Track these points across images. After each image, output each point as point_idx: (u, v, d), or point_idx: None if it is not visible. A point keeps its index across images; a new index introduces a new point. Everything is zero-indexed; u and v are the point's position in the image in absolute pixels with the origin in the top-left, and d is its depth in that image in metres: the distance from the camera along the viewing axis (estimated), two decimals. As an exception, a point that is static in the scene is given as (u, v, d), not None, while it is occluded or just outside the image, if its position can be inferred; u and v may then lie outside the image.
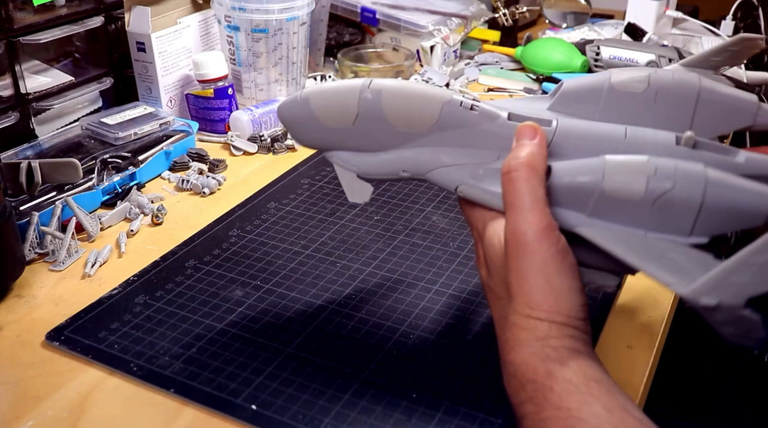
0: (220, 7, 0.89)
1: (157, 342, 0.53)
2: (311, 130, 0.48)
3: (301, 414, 0.47)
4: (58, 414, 0.48)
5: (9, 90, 0.77)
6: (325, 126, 0.47)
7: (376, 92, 0.46)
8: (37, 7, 0.78)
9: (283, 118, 0.49)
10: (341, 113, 0.47)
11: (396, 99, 0.46)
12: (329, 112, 0.47)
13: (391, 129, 0.46)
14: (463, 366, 0.51)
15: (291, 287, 0.60)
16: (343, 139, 0.47)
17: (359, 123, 0.46)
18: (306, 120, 0.48)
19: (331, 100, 0.47)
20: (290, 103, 0.48)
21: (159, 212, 0.70)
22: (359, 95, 0.46)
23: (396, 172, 0.47)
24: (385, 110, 0.46)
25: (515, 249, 0.41)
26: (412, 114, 0.46)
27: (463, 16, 1.15)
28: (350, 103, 0.46)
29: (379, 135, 0.47)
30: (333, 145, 0.48)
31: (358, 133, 0.47)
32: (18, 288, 0.60)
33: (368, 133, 0.47)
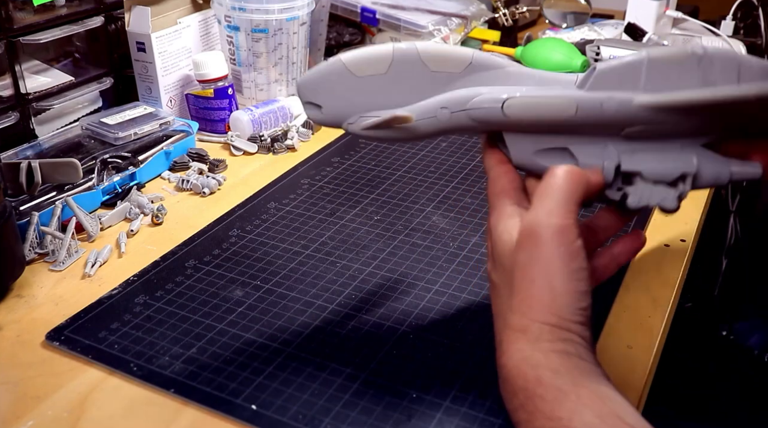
0: (220, 7, 0.89)
1: (157, 342, 0.53)
2: (340, 87, 0.46)
3: (301, 414, 0.47)
4: (58, 414, 0.48)
5: (9, 90, 0.77)
6: (355, 77, 0.46)
7: (410, 43, 0.46)
8: (37, 7, 0.78)
9: (306, 82, 0.47)
10: (376, 60, 0.46)
11: (431, 45, 0.46)
12: (363, 61, 0.46)
13: (426, 72, 0.46)
14: (463, 366, 0.51)
15: (291, 287, 0.60)
16: (375, 92, 0.46)
17: (393, 69, 0.46)
18: (335, 76, 0.46)
19: (365, 52, 0.46)
20: (316, 66, 0.47)
21: (159, 212, 0.70)
22: (393, 46, 0.46)
23: (434, 111, 0.45)
24: (420, 52, 0.46)
25: (528, 239, 0.40)
26: (447, 55, 0.46)
27: (463, 16, 1.15)
28: (385, 51, 0.46)
29: (414, 81, 0.46)
30: (362, 104, 0.46)
31: (391, 82, 0.46)
32: (18, 288, 0.60)
33: (402, 80, 0.46)
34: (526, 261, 0.40)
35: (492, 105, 0.44)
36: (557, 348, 0.39)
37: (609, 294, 0.59)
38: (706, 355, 1.22)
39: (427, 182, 0.78)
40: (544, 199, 0.41)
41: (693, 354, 1.21)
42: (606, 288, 0.60)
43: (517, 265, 0.40)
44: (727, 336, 1.25)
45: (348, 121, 0.47)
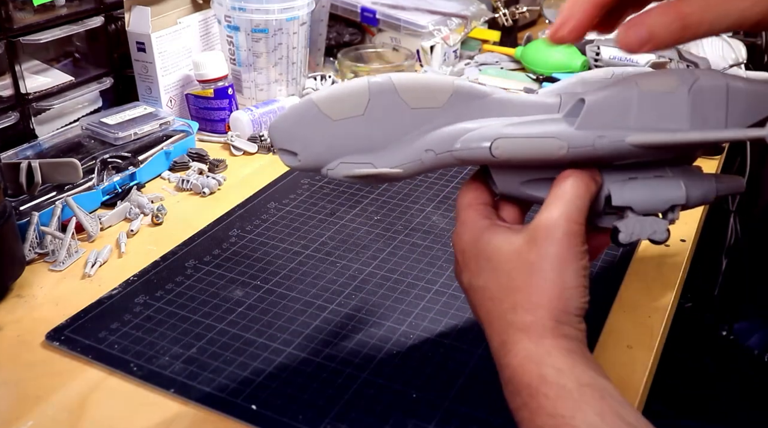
0: (220, 7, 0.89)
1: (157, 342, 0.53)
2: (315, 131, 0.43)
3: (301, 414, 0.47)
4: (59, 414, 0.48)
5: (9, 90, 0.77)
6: (331, 120, 0.43)
7: (385, 76, 0.43)
8: (37, 7, 0.78)
9: (277, 126, 0.44)
10: (351, 101, 0.43)
11: (407, 78, 0.43)
12: (336, 103, 0.43)
13: (405, 109, 0.43)
14: (463, 366, 0.51)
15: (291, 287, 0.60)
16: (353, 135, 0.43)
17: (371, 110, 0.43)
18: (309, 120, 0.43)
19: (338, 92, 0.43)
20: (289, 109, 0.45)
21: (159, 212, 0.70)
22: (368, 81, 0.43)
23: (418, 154, 0.43)
24: (398, 88, 0.43)
25: (542, 238, 0.41)
26: (426, 88, 0.43)
27: (463, 16, 1.15)
28: (360, 89, 0.43)
29: (393, 120, 0.43)
30: (340, 148, 0.44)
31: (369, 123, 0.43)
32: (18, 288, 0.60)
33: (381, 120, 0.43)
34: (537, 259, 0.41)
35: (480, 146, 0.42)
36: (561, 345, 0.39)
37: (609, 294, 0.59)
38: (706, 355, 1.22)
39: (427, 182, 0.78)
40: (558, 202, 0.42)
41: (693, 354, 1.21)
42: (606, 288, 0.60)
43: (525, 263, 0.41)
44: (727, 336, 1.25)
45: (328, 167, 0.44)
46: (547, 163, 0.43)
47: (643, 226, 0.44)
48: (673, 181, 0.44)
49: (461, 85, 0.44)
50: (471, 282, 0.44)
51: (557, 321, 0.40)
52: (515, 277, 0.41)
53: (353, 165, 0.44)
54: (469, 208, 0.46)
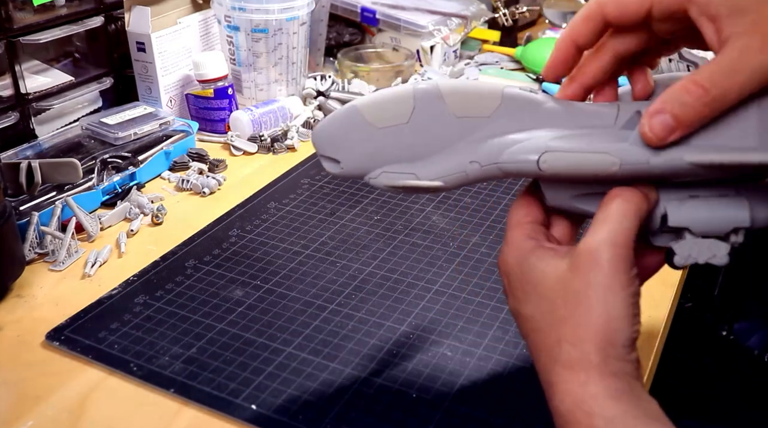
0: (220, 7, 0.89)
1: (157, 342, 0.53)
2: (359, 139, 0.42)
3: (301, 414, 0.47)
4: (58, 414, 0.48)
5: (9, 90, 0.77)
6: (375, 127, 0.41)
7: (432, 83, 0.41)
8: (37, 7, 0.78)
9: (320, 133, 0.43)
10: (395, 108, 0.41)
11: (454, 85, 0.41)
12: (381, 109, 0.41)
13: (450, 118, 0.41)
14: (463, 366, 0.51)
15: (291, 287, 0.60)
16: (397, 144, 0.42)
17: (415, 117, 0.41)
18: (352, 126, 0.42)
19: (382, 98, 0.42)
20: (330, 116, 0.43)
21: (159, 212, 0.70)
22: (413, 88, 0.41)
23: (462, 166, 0.41)
24: (445, 95, 0.41)
25: (587, 264, 0.38)
26: (473, 96, 0.41)
27: (463, 16, 1.15)
28: (404, 95, 0.41)
29: (438, 129, 0.41)
30: (383, 156, 0.42)
31: (413, 132, 0.41)
32: (18, 288, 0.60)
33: (426, 129, 0.41)
34: (582, 287, 0.38)
35: (527, 159, 0.40)
36: (609, 386, 0.36)
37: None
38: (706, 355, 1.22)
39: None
40: (603, 225, 0.39)
41: (693, 354, 1.21)
42: (606, 288, 0.60)
43: (570, 292, 0.38)
44: (727, 336, 1.25)
45: (370, 176, 0.43)
46: (599, 179, 0.40)
47: (701, 249, 0.41)
48: (737, 201, 0.40)
49: (511, 94, 0.41)
50: (518, 309, 0.41)
51: (605, 355, 0.37)
52: (560, 307, 0.38)
53: (396, 175, 0.42)
54: (517, 226, 0.43)
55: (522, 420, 0.47)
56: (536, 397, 0.48)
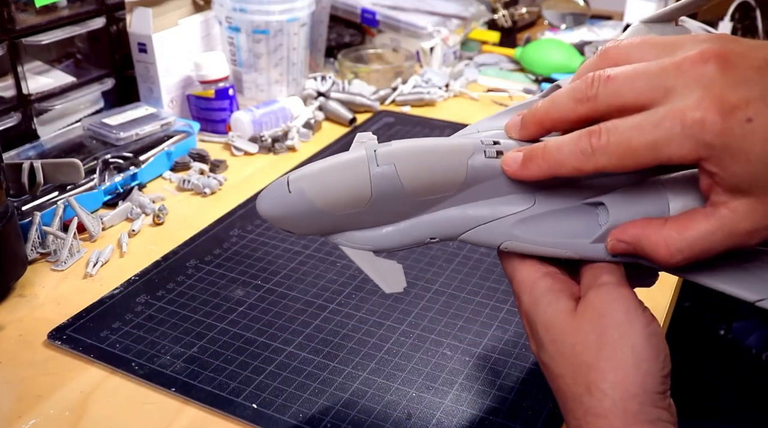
0: (220, 9, 0.89)
1: (158, 342, 0.53)
2: (311, 222, 0.39)
3: (302, 413, 0.47)
4: (60, 413, 0.48)
5: (11, 91, 0.77)
6: (330, 214, 0.38)
7: (389, 165, 0.38)
8: (39, 9, 0.78)
9: (268, 215, 0.39)
10: (351, 198, 0.38)
11: (414, 166, 0.38)
12: (334, 199, 0.38)
13: (411, 201, 0.39)
14: (463, 365, 0.51)
15: (291, 287, 0.60)
16: (353, 221, 0.39)
17: (374, 204, 0.38)
18: (303, 213, 0.38)
19: (334, 184, 0.38)
20: (276, 197, 0.39)
21: (160, 212, 0.71)
22: (369, 172, 0.38)
23: (421, 240, 0.40)
24: (404, 182, 0.38)
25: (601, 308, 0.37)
26: (435, 179, 0.38)
27: (463, 17, 1.15)
28: (360, 183, 0.38)
29: (398, 208, 0.39)
30: (339, 229, 0.40)
31: (372, 212, 0.39)
32: (20, 287, 0.61)
33: (384, 210, 0.39)
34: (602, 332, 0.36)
35: (489, 243, 0.40)
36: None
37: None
38: (704, 355, 1.22)
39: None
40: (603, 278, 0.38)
41: (692, 353, 1.21)
42: (604, 288, 0.60)
43: (589, 337, 0.37)
44: (726, 336, 1.25)
45: (330, 237, 0.40)
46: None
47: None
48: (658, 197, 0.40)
49: (476, 166, 0.39)
50: (539, 355, 0.39)
51: (640, 403, 0.35)
52: (581, 353, 0.36)
53: (351, 244, 0.40)
54: (521, 263, 0.41)
55: (522, 420, 0.47)
56: (536, 397, 0.49)
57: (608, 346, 0.36)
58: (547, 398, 0.48)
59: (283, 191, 0.39)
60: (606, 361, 0.35)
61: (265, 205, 0.39)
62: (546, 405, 0.48)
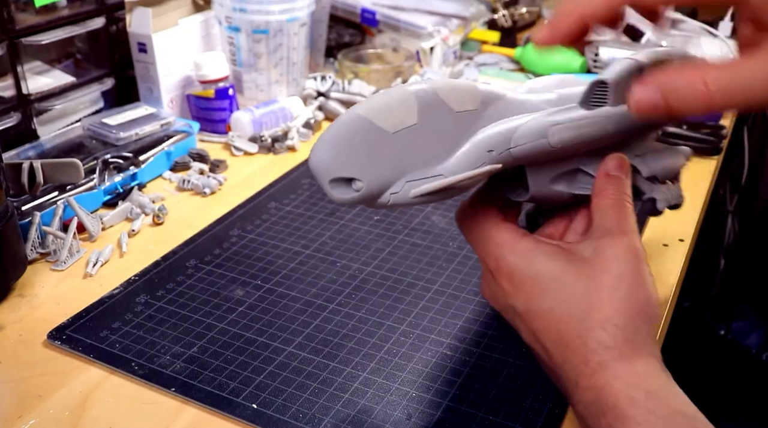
0: (220, 8, 0.89)
1: (158, 342, 0.53)
2: (373, 150, 0.39)
3: (302, 413, 0.47)
4: (60, 413, 0.48)
5: (11, 91, 0.77)
6: (388, 133, 0.39)
7: (421, 83, 0.41)
8: (38, 9, 0.78)
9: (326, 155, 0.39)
10: (402, 109, 0.39)
11: (443, 83, 0.42)
12: (389, 113, 0.39)
13: (451, 113, 0.41)
14: (463, 365, 0.51)
15: (291, 287, 0.60)
16: (413, 147, 0.40)
17: (422, 117, 0.40)
18: (364, 137, 0.39)
19: (384, 102, 0.40)
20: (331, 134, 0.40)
21: (160, 212, 0.71)
22: (409, 89, 0.41)
23: (480, 157, 0.41)
24: (438, 91, 0.41)
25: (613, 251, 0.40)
26: (460, 91, 0.41)
27: (463, 17, 1.15)
28: (406, 96, 0.40)
29: (444, 125, 0.41)
30: (404, 164, 0.40)
31: (424, 132, 0.40)
32: (20, 287, 0.61)
33: (434, 127, 0.40)
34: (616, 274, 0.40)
35: (535, 142, 0.42)
36: (651, 363, 0.38)
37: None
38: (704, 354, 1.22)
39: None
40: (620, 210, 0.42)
41: (692, 353, 1.21)
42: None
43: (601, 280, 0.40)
44: (725, 336, 1.25)
45: (391, 191, 0.40)
46: (596, 144, 0.43)
47: (671, 192, 0.47)
48: (674, 150, 0.47)
49: (483, 87, 0.43)
50: (531, 305, 0.41)
51: (646, 335, 0.39)
52: (593, 295, 0.39)
53: (421, 181, 0.40)
54: (498, 228, 0.43)
55: (522, 420, 0.47)
56: (536, 397, 0.49)
57: (621, 288, 0.39)
58: (548, 398, 0.48)
59: (338, 124, 0.39)
60: (619, 301, 0.39)
61: (321, 145, 0.40)
62: (546, 405, 0.48)
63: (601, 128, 0.43)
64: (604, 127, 0.43)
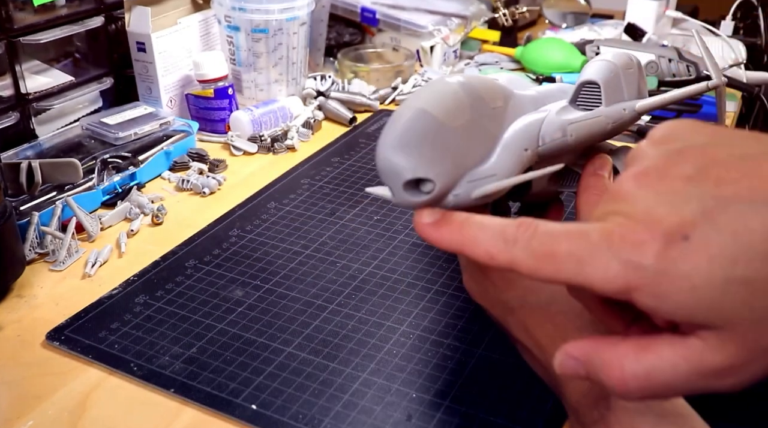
0: (220, 8, 0.89)
1: (157, 342, 0.53)
2: (441, 147, 0.37)
3: (301, 414, 0.47)
4: (59, 414, 0.48)
5: (9, 90, 0.77)
6: (450, 127, 0.38)
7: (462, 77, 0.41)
8: (37, 8, 0.78)
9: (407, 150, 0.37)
10: (456, 104, 0.38)
11: (475, 78, 0.41)
12: (446, 107, 0.38)
13: (489, 109, 0.41)
14: (463, 366, 0.51)
15: (291, 287, 0.60)
16: (469, 145, 0.39)
17: (472, 112, 0.39)
18: (432, 133, 0.37)
19: (439, 95, 0.39)
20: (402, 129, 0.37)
21: (159, 212, 0.71)
22: (455, 82, 0.40)
23: (519, 156, 0.41)
24: (479, 89, 0.40)
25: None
26: (490, 86, 0.42)
27: (463, 16, 1.15)
28: (455, 89, 0.39)
29: (486, 123, 0.40)
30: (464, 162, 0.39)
31: (475, 128, 0.39)
32: (18, 288, 0.61)
33: (480, 124, 0.40)
34: None
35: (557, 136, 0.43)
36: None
37: None
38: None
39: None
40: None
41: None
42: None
43: None
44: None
45: (453, 192, 0.38)
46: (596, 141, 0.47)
47: None
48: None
49: (501, 84, 0.44)
50: (526, 299, 0.41)
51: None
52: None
53: (480, 181, 0.39)
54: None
55: (522, 420, 0.47)
56: (536, 397, 0.48)
57: None
58: (548, 398, 0.48)
59: (403, 121, 0.37)
60: None
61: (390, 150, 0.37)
62: (546, 405, 0.48)
63: (603, 126, 0.45)
64: (605, 126, 0.45)
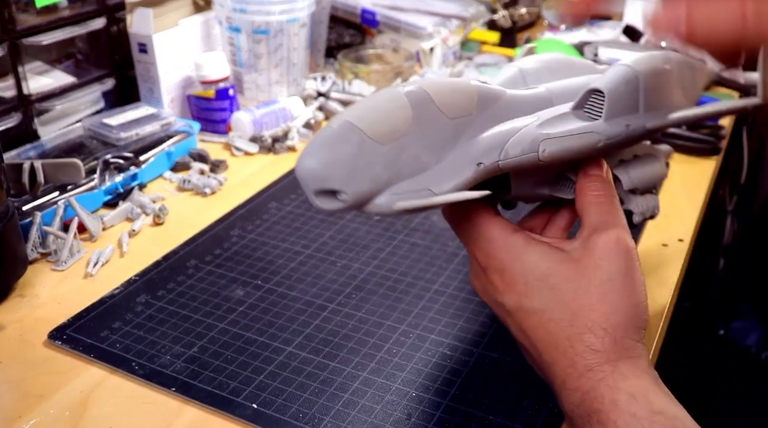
0: (221, 9, 0.89)
1: (158, 342, 0.54)
2: (361, 162, 0.37)
3: (302, 413, 0.47)
4: (60, 413, 0.48)
5: (12, 91, 0.77)
6: (381, 145, 0.37)
7: (415, 86, 0.39)
8: (39, 9, 0.78)
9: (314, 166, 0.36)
10: (396, 119, 0.37)
11: (438, 85, 0.40)
12: (382, 123, 0.37)
13: (444, 121, 0.39)
14: (463, 365, 0.52)
15: (291, 287, 0.60)
16: (402, 159, 0.38)
17: (415, 126, 0.38)
18: (353, 149, 0.36)
19: (379, 111, 0.37)
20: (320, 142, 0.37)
21: (160, 212, 0.71)
22: (403, 92, 0.39)
23: (469, 170, 0.39)
24: (433, 96, 0.39)
25: (616, 251, 0.40)
26: (456, 94, 0.40)
27: (463, 17, 1.15)
28: (401, 104, 0.38)
29: (436, 134, 0.39)
30: (391, 176, 0.38)
31: (415, 142, 0.38)
32: (20, 287, 0.61)
33: (425, 136, 0.39)
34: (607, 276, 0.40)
35: (526, 154, 0.40)
36: (636, 365, 0.38)
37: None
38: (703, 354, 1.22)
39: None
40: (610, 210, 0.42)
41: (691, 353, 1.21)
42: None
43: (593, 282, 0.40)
44: (725, 336, 1.25)
45: (375, 202, 0.38)
46: (582, 157, 0.43)
47: (648, 204, 0.46)
48: (655, 160, 0.47)
49: (481, 87, 0.42)
50: (521, 304, 0.41)
51: (632, 340, 0.39)
52: (582, 297, 0.39)
53: (408, 194, 0.38)
54: (490, 223, 0.42)
55: (522, 420, 0.47)
56: (536, 396, 0.49)
57: (612, 292, 0.39)
58: (548, 398, 0.48)
59: (327, 132, 0.37)
60: (609, 305, 0.39)
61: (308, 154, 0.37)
62: (546, 405, 0.48)
63: (592, 143, 0.41)
64: (595, 143, 0.41)
